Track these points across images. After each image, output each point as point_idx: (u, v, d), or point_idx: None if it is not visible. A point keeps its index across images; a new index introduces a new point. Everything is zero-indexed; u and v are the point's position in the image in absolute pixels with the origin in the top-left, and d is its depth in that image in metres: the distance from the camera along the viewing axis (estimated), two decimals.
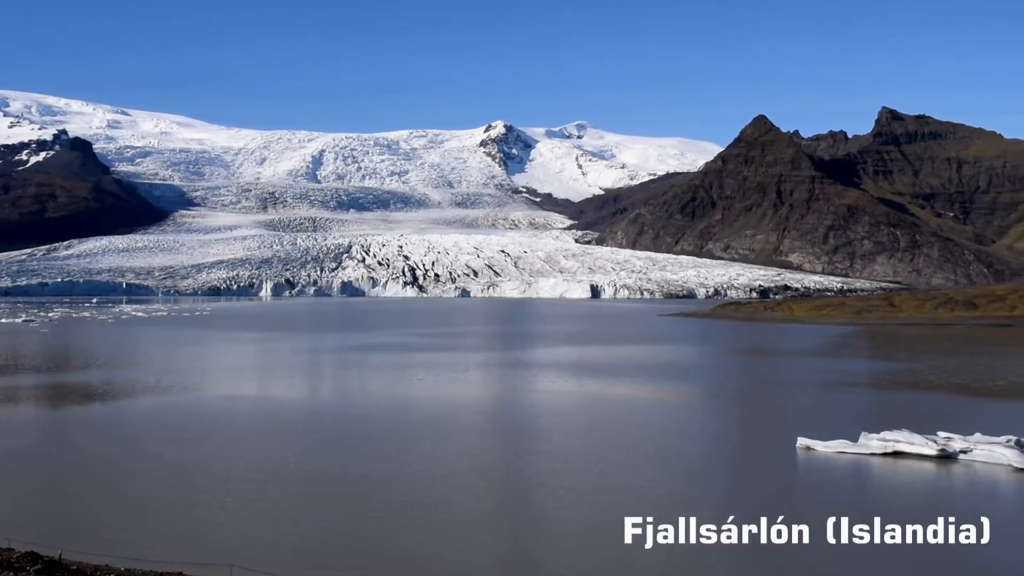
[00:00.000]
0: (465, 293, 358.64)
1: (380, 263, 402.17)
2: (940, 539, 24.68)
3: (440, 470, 31.97)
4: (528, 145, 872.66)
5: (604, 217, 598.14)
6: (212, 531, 25.02)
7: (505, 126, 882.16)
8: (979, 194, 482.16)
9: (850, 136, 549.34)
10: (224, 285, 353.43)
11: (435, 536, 24.57)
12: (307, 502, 27.93)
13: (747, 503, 28.41)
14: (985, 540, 24.68)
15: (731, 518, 26.67)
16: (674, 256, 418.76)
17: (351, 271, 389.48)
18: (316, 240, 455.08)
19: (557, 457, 34.55)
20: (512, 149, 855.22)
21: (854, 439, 36.47)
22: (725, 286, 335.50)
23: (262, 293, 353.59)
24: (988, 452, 34.11)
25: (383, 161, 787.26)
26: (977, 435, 35.80)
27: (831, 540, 24.57)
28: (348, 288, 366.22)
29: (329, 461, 33.63)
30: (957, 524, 26.11)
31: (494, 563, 22.68)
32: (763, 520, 26.58)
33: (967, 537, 24.89)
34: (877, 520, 26.70)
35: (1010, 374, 65.95)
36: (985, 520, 26.74)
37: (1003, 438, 34.88)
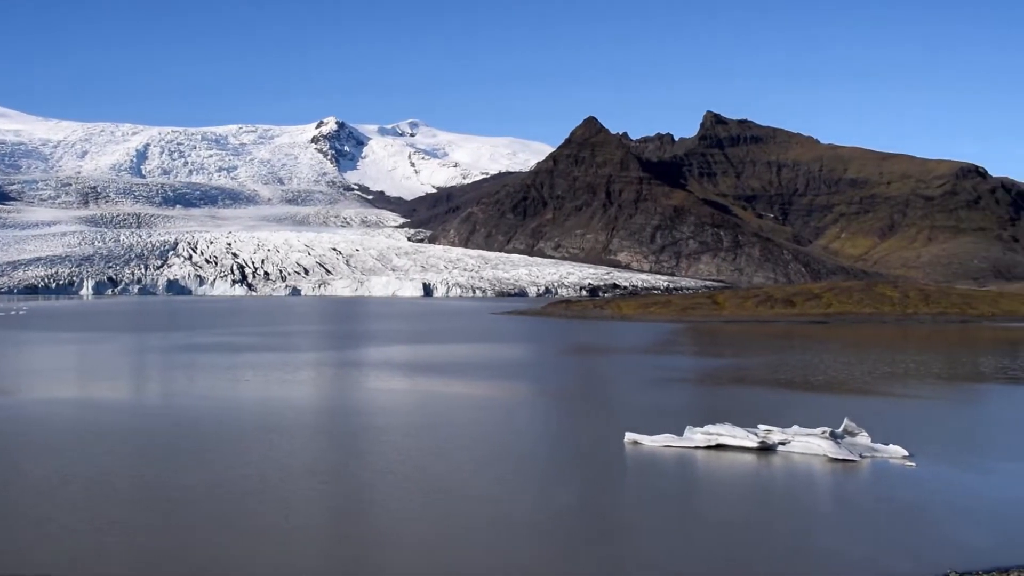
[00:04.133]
0: (296, 291, 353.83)
1: (208, 261, 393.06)
2: (758, 528, 25.62)
3: (274, 474, 31.42)
4: (360, 142, 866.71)
5: (437, 215, 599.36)
6: (28, 545, 23.85)
7: (337, 123, 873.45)
8: (797, 196, 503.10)
9: (676, 139, 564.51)
10: (42, 283, 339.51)
11: (269, 542, 24.15)
12: (133, 511, 27.02)
13: (573, 496, 28.92)
14: (800, 528, 25.74)
15: (557, 510, 27.15)
16: (506, 255, 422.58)
17: (177, 269, 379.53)
18: (141, 237, 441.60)
19: (394, 457, 34.43)
20: (344, 146, 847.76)
21: (679, 433, 37.52)
22: (556, 284, 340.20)
23: (83, 291, 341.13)
24: (805, 443, 35.57)
25: (211, 156, 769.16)
26: (795, 427, 37.25)
27: (653, 531, 25.22)
28: (174, 286, 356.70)
29: (155, 467, 32.66)
30: (774, 513, 27.23)
31: (331, 568, 22.47)
32: (588, 512, 27.14)
33: (784, 525, 25.93)
34: (697, 510, 27.62)
35: (829, 369, 68.80)
36: (800, 509, 27.95)
37: (819, 430, 36.40)
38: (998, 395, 55.96)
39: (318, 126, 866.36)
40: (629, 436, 37.55)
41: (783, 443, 36.04)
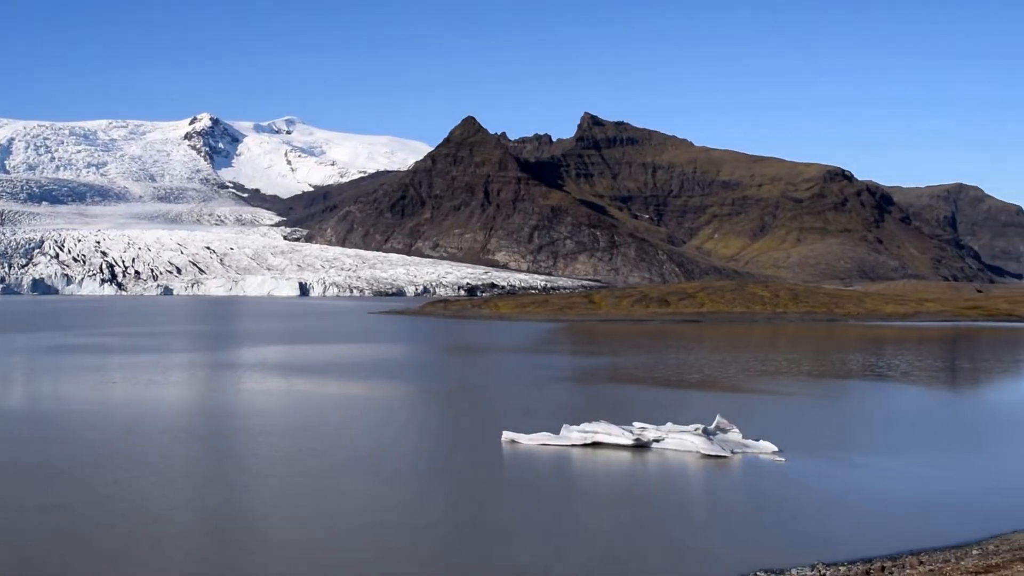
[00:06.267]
0: (168, 291, 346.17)
1: (76, 259, 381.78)
2: (632, 525, 25.97)
3: (146, 479, 30.60)
4: (235, 139, 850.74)
5: (314, 214, 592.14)
6: None
7: (211, 119, 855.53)
8: (672, 198, 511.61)
9: (554, 140, 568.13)
10: None
11: (143, 551, 23.55)
12: (1, 521, 26.14)
13: (451, 497, 28.93)
14: (673, 525, 26.15)
15: (435, 512, 27.12)
16: (384, 254, 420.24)
17: (43, 268, 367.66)
18: (4, 234, 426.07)
19: (272, 460, 33.93)
20: (218, 143, 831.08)
21: (556, 431, 37.80)
22: (434, 284, 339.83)
23: None
24: (678, 440, 36.21)
25: (79, 152, 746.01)
26: (669, 424, 37.89)
27: (528, 532, 25.32)
28: (40, 286, 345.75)
29: (24, 474, 31.59)
30: (648, 510, 27.64)
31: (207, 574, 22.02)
32: (465, 513, 27.15)
33: (657, 522, 26.32)
34: (573, 509, 27.86)
35: (703, 367, 70.18)
36: (673, 505, 28.42)
37: (692, 427, 37.10)
38: (864, 391, 57.83)
39: (191, 122, 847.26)
40: (506, 435, 37.70)
41: (657, 440, 36.63)
